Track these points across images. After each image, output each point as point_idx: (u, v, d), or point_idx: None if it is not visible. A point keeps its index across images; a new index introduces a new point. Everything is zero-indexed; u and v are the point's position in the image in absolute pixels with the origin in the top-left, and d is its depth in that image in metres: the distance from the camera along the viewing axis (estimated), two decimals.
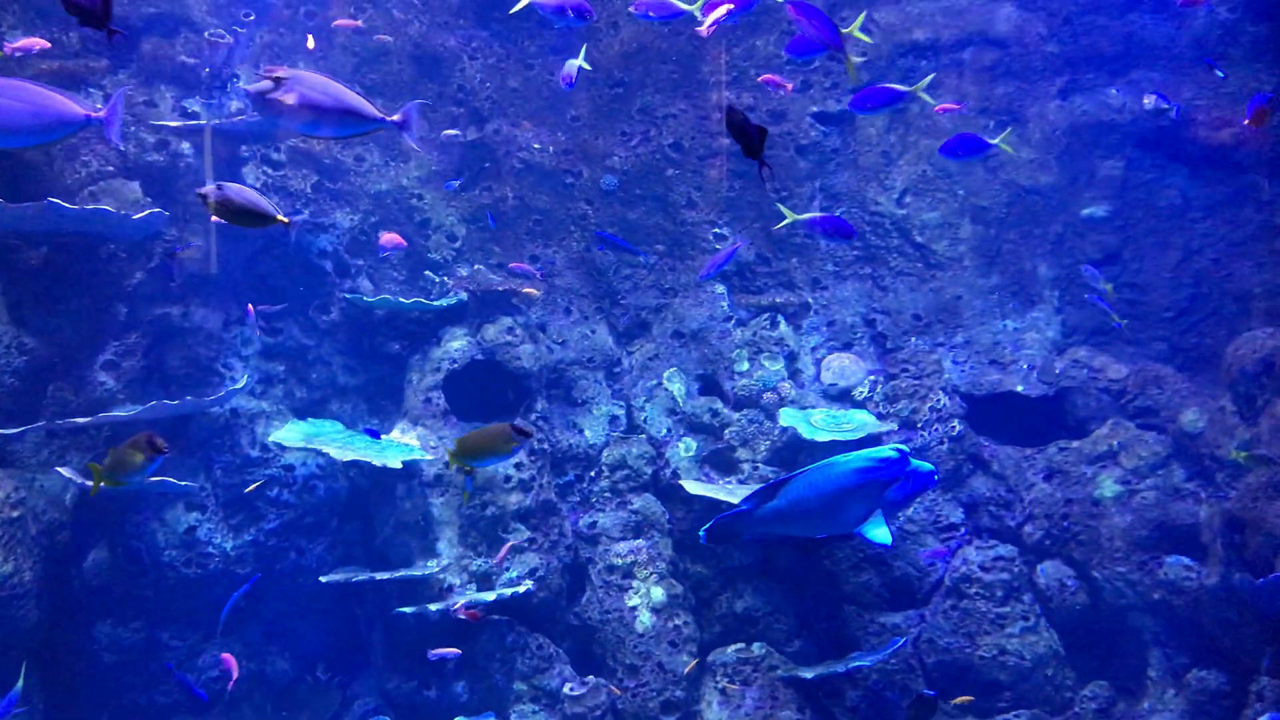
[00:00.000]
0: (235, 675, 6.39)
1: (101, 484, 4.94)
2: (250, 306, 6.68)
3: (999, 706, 6.54)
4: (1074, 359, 7.27)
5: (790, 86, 7.19)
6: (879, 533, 5.88)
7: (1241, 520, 6.05)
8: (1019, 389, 7.25)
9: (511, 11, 6.12)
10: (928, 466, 6.04)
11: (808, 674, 6.47)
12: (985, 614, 6.60)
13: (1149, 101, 6.38)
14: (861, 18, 6.10)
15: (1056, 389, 7.24)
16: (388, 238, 6.96)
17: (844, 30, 5.54)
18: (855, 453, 6.03)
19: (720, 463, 7.27)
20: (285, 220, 4.40)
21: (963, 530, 6.91)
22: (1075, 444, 6.97)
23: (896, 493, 5.98)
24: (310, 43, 7.14)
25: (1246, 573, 5.98)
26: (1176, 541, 6.55)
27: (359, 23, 7.41)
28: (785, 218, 6.16)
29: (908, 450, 6.00)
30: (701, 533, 6.34)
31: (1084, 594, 6.68)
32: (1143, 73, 7.41)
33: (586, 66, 6.38)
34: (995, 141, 6.22)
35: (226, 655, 6.43)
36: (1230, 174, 7.25)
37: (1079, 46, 7.46)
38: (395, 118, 4.79)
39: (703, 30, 5.74)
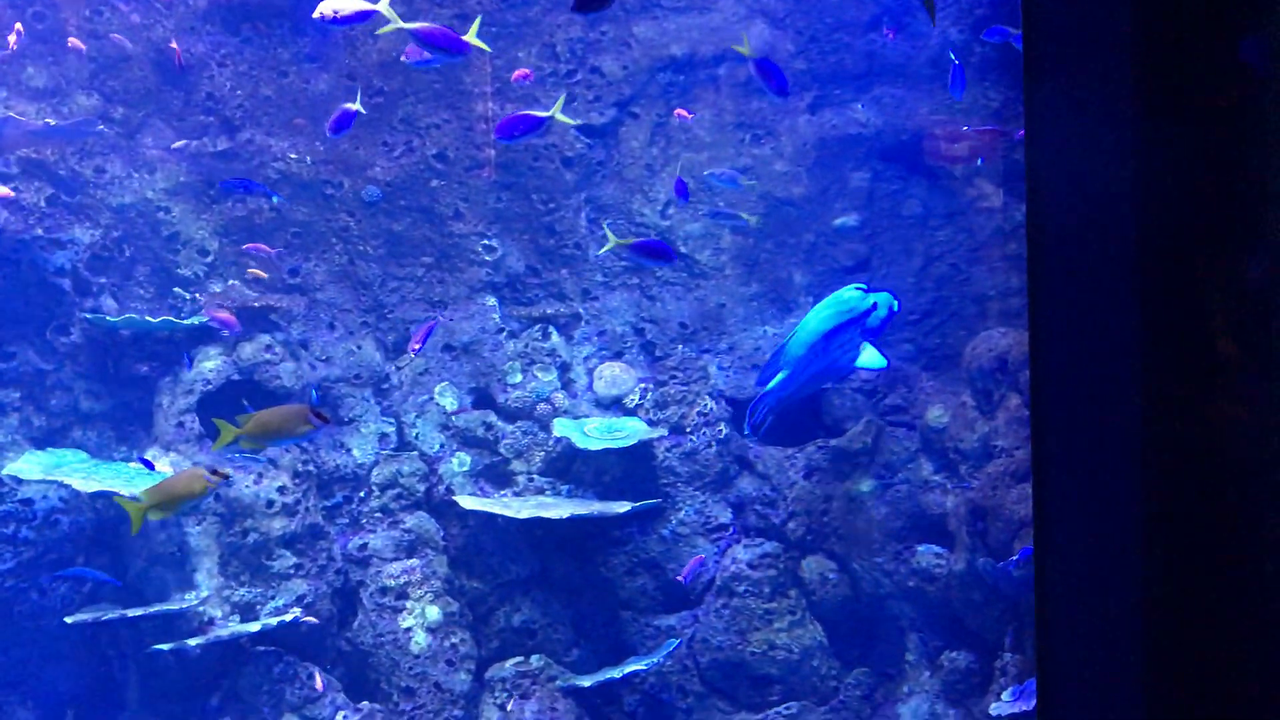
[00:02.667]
0: None
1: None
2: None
3: (770, 700, 6.76)
4: None
5: (531, 75, 7.22)
6: (873, 357, 6.69)
7: (984, 508, 6.48)
8: None
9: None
10: (887, 296, 6.76)
11: (586, 682, 6.51)
12: (755, 610, 6.82)
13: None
14: (560, 101, 6.17)
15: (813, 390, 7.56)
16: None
17: (543, 113, 5.94)
18: (823, 302, 6.73)
19: (495, 476, 7.23)
20: None
21: (731, 530, 7.12)
22: (833, 442, 7.29)
23: (876, 324, 6.72)
24: (13, 41, 6.62)
25: (989, 557, 6.41)
26: (927, 531, 6.95)
27: (82, 46, 6.95)
28: (604, 239, 6.18)
29: (866, 286, 6.69)
30: (747, 429, 6.83)
31: (845, 585, 7.00)
32: (885, 89, 7.84)
33: (362, 110, 6.22)
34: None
35: None
36: (965, 184, 7.77)
37: (826, 63, 7.83)
38: None
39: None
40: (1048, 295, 1.91)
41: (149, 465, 6.32)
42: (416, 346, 6.87)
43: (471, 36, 5.70)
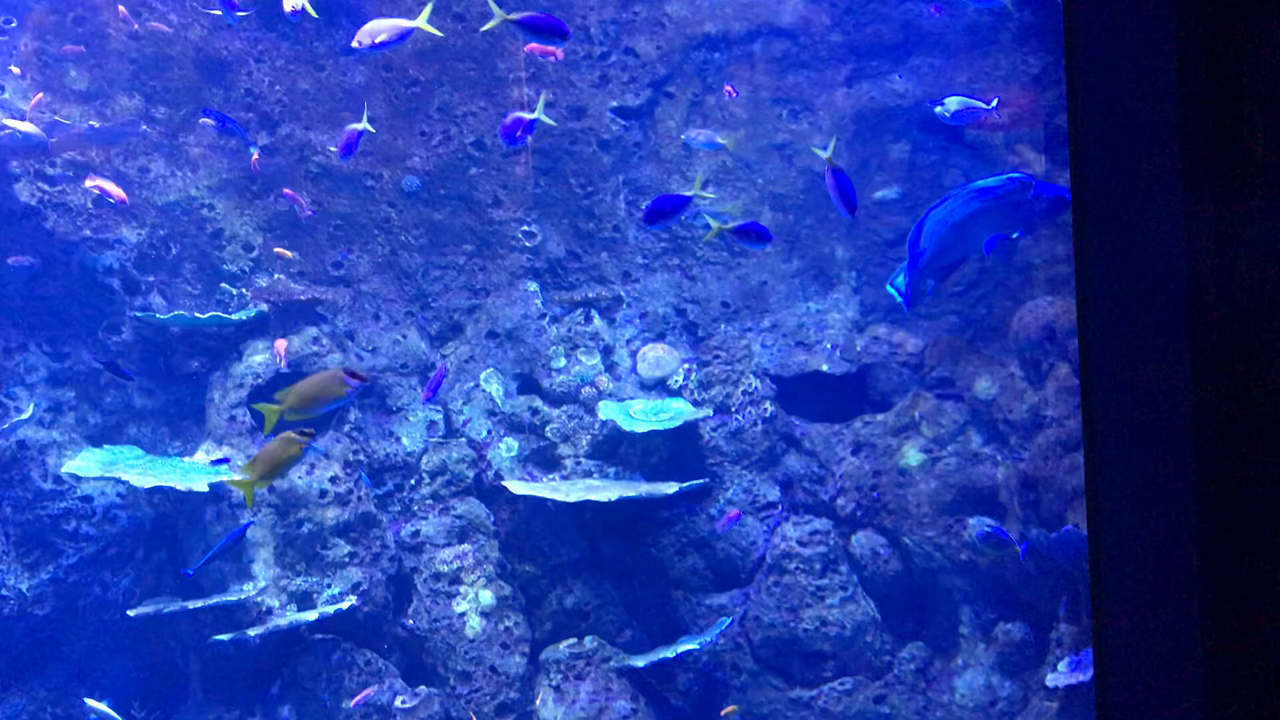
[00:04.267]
0: None
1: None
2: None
3: (824, 676, 6.76)
4: (873, 336, 7.57)
5: (560, 53, 7.21)
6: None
7: (1035, 479, 6.42)
8: (824, 368, 7.50)
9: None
10: (1058, 187, 6.48)
11: (640, 663, 6.54)
12: (806, 587, 6.81)
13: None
14: (541, 101, 6.16)
15: (859, 366, 7.52)
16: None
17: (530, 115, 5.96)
18: (976, 183, 6.51)
19: (543, 460, 7.27)
20: None
21: (780, 507, 7.11)
22: (879, 417, 7.26)
23: (1037, 208, 6.43)
24: (15, 70, 6.66)
25: (1042, 528, 6.35)
26: (978, 503, 6.90)
27: (135, 25, 7.06)
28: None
29: (1026, 176, 6.46)
30: (904, 304, 6.57)
31: (896, 560, 6.98)
32: (923, 59, 7.75)
33: (370, 130, 6.24)
34: (692, 193, 6.31)
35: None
36: (1007, 152, 7.68)
37: (863, 35, 7.75)
38: None
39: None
40: (1095, 261, 1.89)
41: (224, 460, 6.42)
42: (429, 395, 6.85)
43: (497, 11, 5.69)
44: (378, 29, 5.79)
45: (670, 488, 6.76)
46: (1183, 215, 1.72)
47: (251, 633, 6.13)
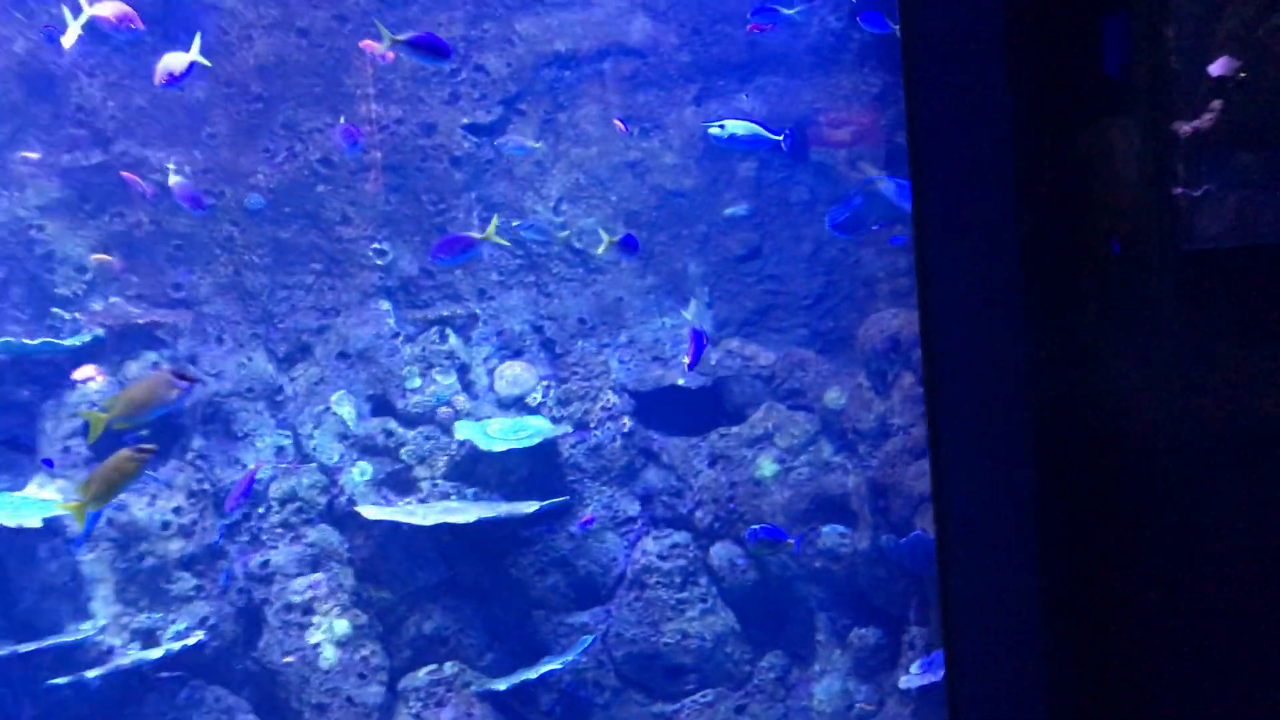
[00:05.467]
0: None
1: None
2: None
3: (686, 689, 6.81)
4: (727, 349, 7.69)
5: (391, 55, 7.13)
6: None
7: (884, 486, 6.61)
8: (680, 382, 7.57)
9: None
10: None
11: (501, 686, 6.47)
12: (666, 601, 6.85)
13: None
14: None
15: (714, 379, 7.62)
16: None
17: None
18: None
19: (398, 483, 7.14)
20: None
21: (640, 522, 7.14)
22: (735, 429, 7.36)
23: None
24: None
25: (891, 533, 6.54)
26: (831, 511, 7.07)
27: None
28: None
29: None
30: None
31: (754, 570, 7.08)
32: (767, 78, 7.92)
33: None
34: (482, 238, 6.44)
35: None
36: (850, 169, 7.90)
37: (709, 55, 7.88)
38: None
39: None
40: (935, 272, 1.95)
41: (49, 464, 6.10)
42: (232, 505, 6.41)
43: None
44: (170, 65, 5.70)
45: (530, 507, 6.72)
46: (1015, 226, 1.79)
47: (91, 674, 5.84)
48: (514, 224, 7.48)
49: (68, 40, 5.63)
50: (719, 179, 7.94)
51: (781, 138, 6.46)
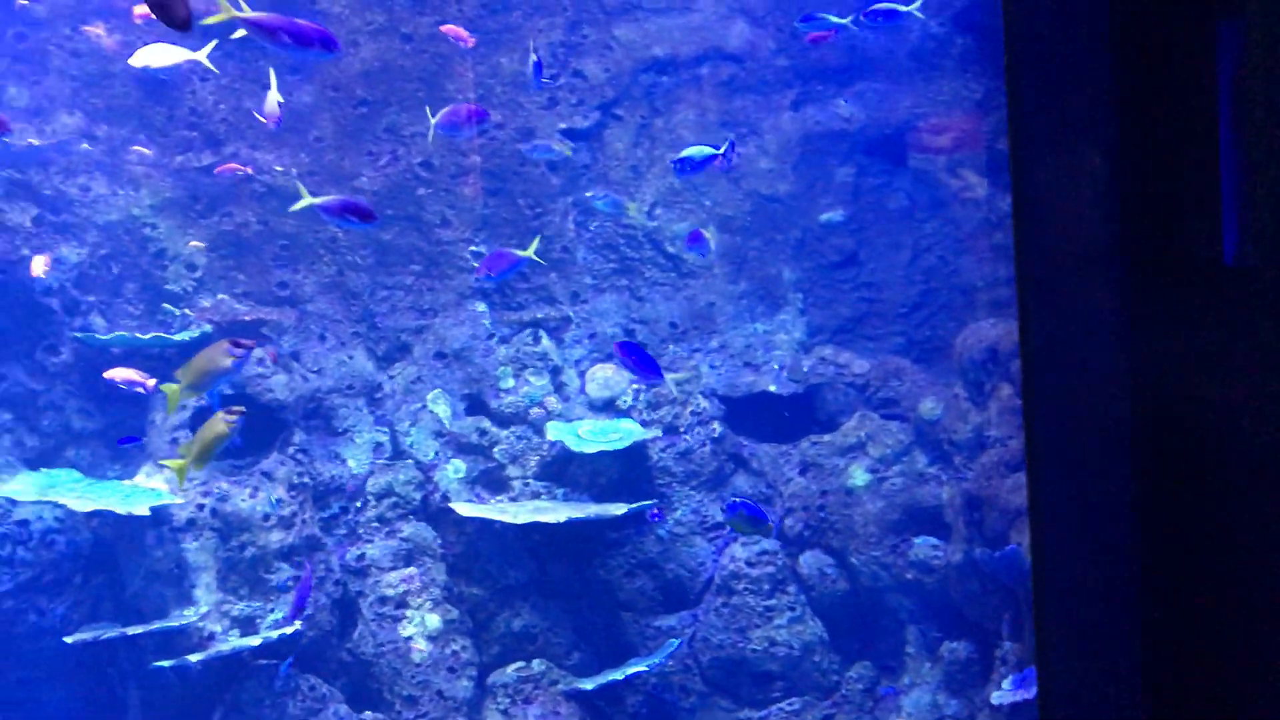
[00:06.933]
0: None
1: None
2: None
3: (772, 696, 6.77)
4: (820, 357, 7.63)
5: (472, 40, 7.22)
6: None
7: (979, 498, 6.50)
8: (772, 388, 7.54)
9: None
10: None
11: (588, 685, 6.51)
12: (754, 608, 6.83)
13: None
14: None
15: (806, 386, 7.57)
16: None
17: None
18: None
19: (491, 482, 7.23)
20: None
21: (728, 528, 7.12)
22: (826, 438, 7.31)
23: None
24: None
25: (986, 547, 6.42)
26: (923, 523, 6.97)
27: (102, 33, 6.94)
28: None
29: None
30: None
31: (844, 580, 7.01)
32: (867, 83, 7.85)
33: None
34: (526, 255, 6.40)
35: None
36: (950, 176, 7.79)
37: (807, 60, 7.84)
38: None
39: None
40: (1035, 284, 1.92)
41: (133, 440, 6.35)
42: (294, 612, 6.28)
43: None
44: (271, 109, 5.88)
45: (619, 509, 6.76)
46: (1119, 236, 1.75)
47: (193, 659, 6.02)
48: (587, 194, 7.53)
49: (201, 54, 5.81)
50: (815, 185, 7.89)
51: (722, 149, 6.36)
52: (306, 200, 5.36)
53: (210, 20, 4.88)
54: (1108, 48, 1.76)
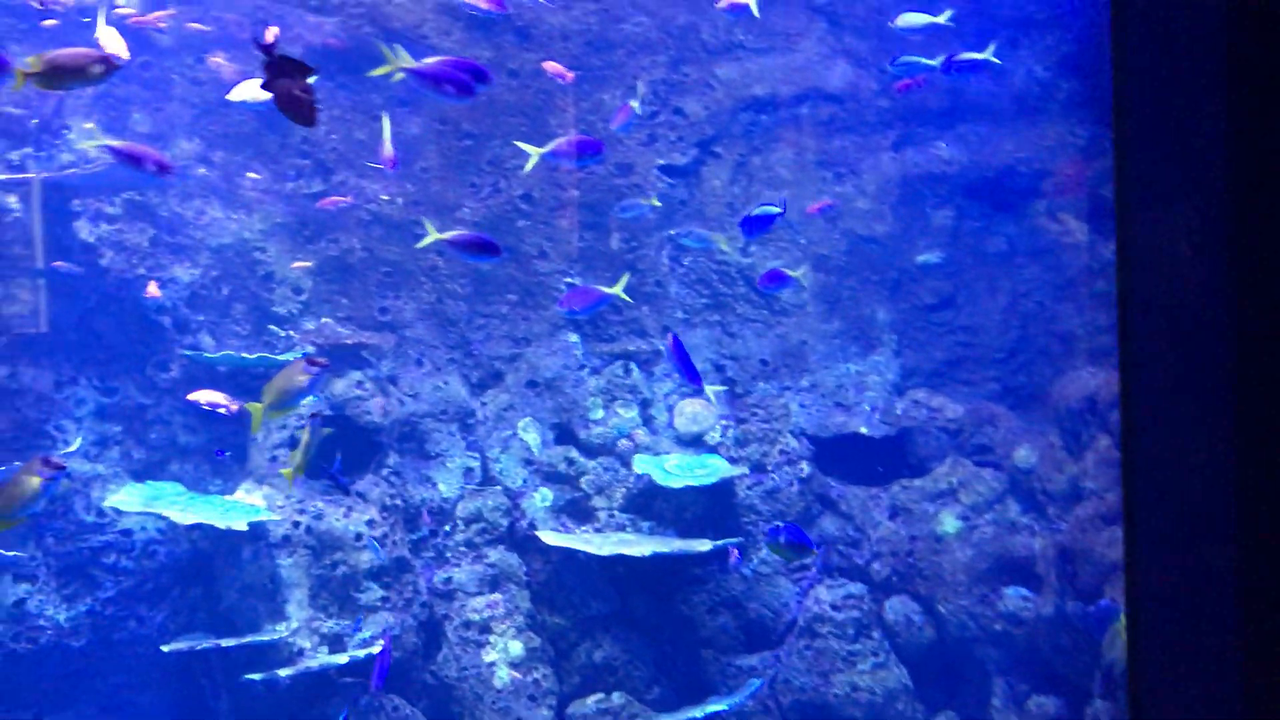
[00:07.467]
0: None
1: None
2: None
3: None
4: (913, 399, 7.55)
5: (571, 75, 7.33)
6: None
7: (1072, 551, 6.35)
8: (863, 430, 7.48)
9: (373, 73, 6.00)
10: None
11: None
12: (838, 652, 6.75)
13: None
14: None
15: (898, 429, 7.49)
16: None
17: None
18: None
19: (577, 511, 7.28)
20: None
21: (814, 570, 7.06)
22: (917, 482, 7.21)
23: None
24: (89, 125, 6.87)
25: (1078, 601, 6.27)
26: (1014, 573, 6.83)
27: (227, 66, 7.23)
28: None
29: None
30: None
31: (930, 628, 6.90)
32: (969, 126, 7.80)
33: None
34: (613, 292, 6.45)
35: None
36: (1050, 220, 7.68)
37: (909, 102, 7.82)
38: None
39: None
40: (1138, 337, 1.90)
41: (221, 454, 6.56)
42: (378, 681, 6.02)
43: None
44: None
45: (704, 545, 6.75)
46: (1233, 293, 1.73)
47: (282, 673, 6.14)
48: (672, 232, 7.58)
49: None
50: (913, 226, 7.84)
51: (779, 208, 6.33)
52: (434, 236, 5.52)
53: (377, 71, 5.09)
54: (1222, 98, 1.74)
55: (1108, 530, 6.28)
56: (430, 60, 5.11)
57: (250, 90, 6.10)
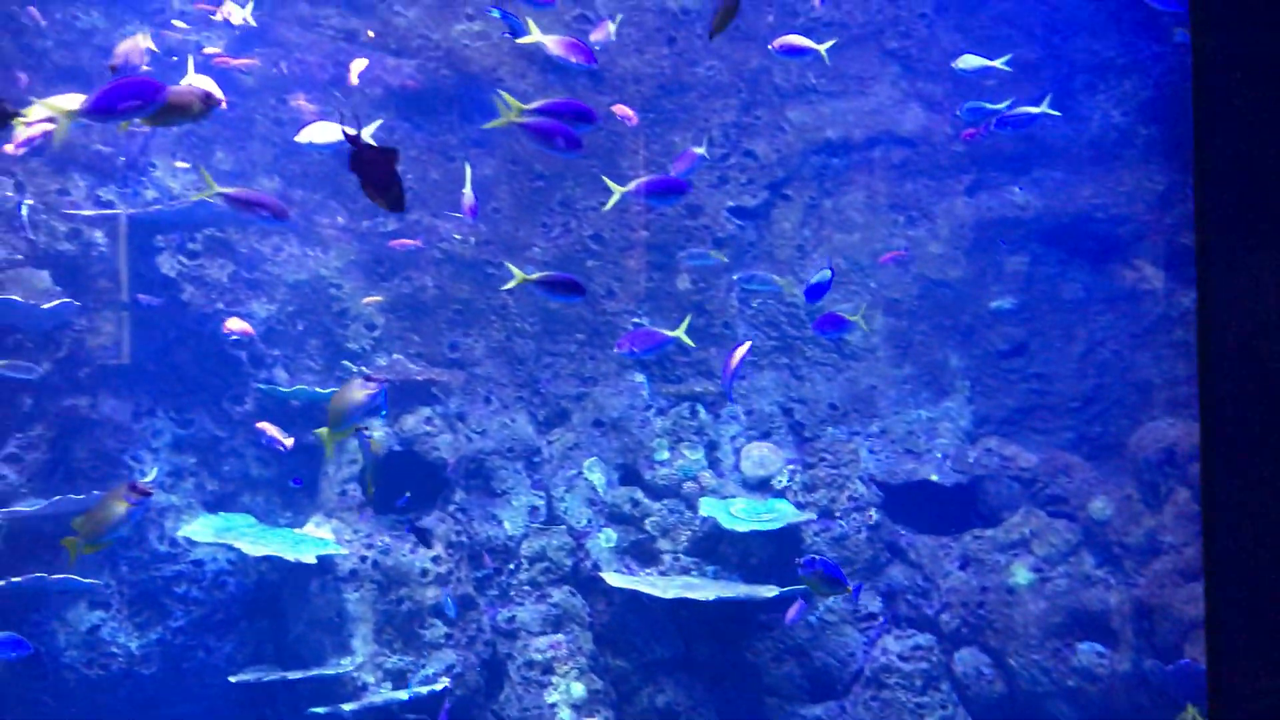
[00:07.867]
0: None
1: (81, 547, 4.73)
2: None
3: None
4: (986, 448, 7.42)
5: (635, 119, 7.36)
6: None
7: (1150, 606, 6.17)
8: (934, 478, 7.36)
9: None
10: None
11: None
12: (905, 704, 6.61)
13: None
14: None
15: (970, 477, 7.36)
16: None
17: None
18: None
19: (641, 553, 7.25)
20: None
21: (881, 619, 6.94)
22: (989, 532, 7.07)
23: None
24: (181, 164, 7.11)
25: (1156, 658, 6.08)
26: (1088, 628, 6.65)
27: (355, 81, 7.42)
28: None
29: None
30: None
31: (1001, 682, 6.73)
32: (1044, 171, 7.71)
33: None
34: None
35: None
36: (1126, 267, 7.54)
37: (983, 146, 7.75)
38: None
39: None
40: (1219, 391, 1.85)
41: (298, 482, 6.67)
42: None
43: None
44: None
45: (770, 591, 6.67)
46: None
47: (346, 708, 6.17)
48: (735, 276, 7.57)
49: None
50: (986, 271, 7.75)
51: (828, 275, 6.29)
52: (520, 278, 5.61)
53: (491, 125, 5.23)
54: None
55: (1187, 586, 6.10)
56: (536, 104, 5.18)
57: (317, 133, 6.25)
